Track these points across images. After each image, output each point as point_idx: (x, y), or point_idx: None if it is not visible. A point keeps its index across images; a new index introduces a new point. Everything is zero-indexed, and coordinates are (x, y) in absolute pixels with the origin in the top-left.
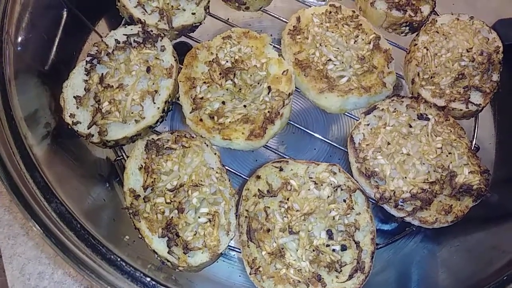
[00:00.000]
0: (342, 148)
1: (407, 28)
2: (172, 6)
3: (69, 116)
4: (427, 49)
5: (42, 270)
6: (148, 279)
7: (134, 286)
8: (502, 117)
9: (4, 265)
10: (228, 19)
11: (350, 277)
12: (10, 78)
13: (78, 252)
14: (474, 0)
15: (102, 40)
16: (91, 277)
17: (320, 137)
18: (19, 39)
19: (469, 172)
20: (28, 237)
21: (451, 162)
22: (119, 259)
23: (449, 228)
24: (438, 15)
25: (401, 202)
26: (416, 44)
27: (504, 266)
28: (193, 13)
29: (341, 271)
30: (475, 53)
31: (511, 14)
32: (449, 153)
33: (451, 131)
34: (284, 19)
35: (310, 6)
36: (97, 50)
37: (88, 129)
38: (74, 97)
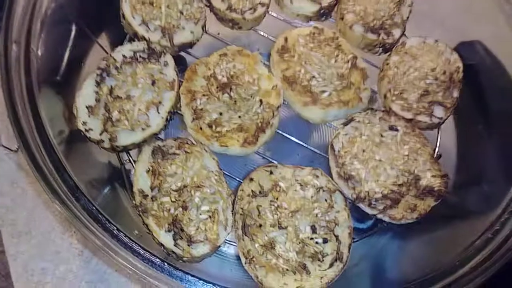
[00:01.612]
0: (322, 154)
1: (381, 49)
2: (173, 25)
3: (82, 124)
4: (397, 68)
5: (45, 267)
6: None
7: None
8: (462, 128)
9: (9, 262)
10: (219, 33)
11: (331, 265)
12: (35, 88)
13: (107, 242)
14: (441, 21)
15: (110, 55)
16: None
17: (303, 144)
18: (39, 53)
19: (431, 176)
20: (31, 236)
21: (416, 168)
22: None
23: (415, 226)
24: (406, 37)
25: (374, 201)
26: (388, 64)
27: (456, 255)
28: (192, 32)
29: (323, 260)
30: (438, 72)
31: (472, 36)
32: (415, 159)
33: (416, 140)
34: (272, 38)
35: (296, 27)
36: (106, 64)
37: (100, 135)
38: (86, 106)
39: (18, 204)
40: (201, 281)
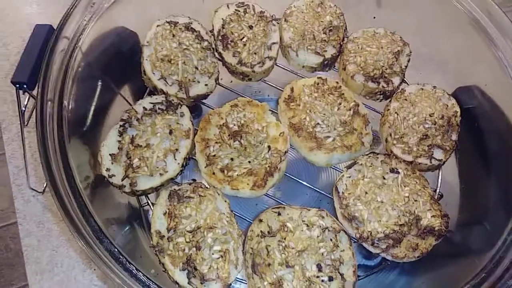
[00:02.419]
0: (328, 195)
1: (381, 96)
2: (189, 79)
3: (106, 170)
4: (397, 114)
5: None
6: None
7: None
8: (464, 168)
9: None
10: (231, 81)
11: None
12: (66, 140)
13: (126, 281)
14: (441, 66)
15: (132, 107)
16: None
17: (310, 186)
18: (70, 107)
19: (431, 216)
20: (54, 273)
21: (416, 208)
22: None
23: (421, 263)
24: (407, 84)
25: (376, 241)
26: (388, 109)
27: None
28: (206, 85)
29: None
30: (436, 117)
31: (470, 80)
32: (415, 200)
33: (417, 182)
34: (279, 88)
35: (302, 77)
36: (128, 116)
37: (122, 181)
38: (109, 154)
39: (43, 243)
40: None
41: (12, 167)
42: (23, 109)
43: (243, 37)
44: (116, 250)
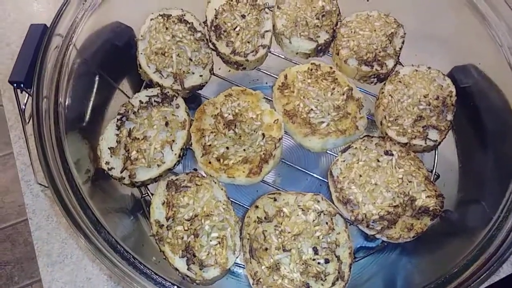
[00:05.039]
0: (326, 180)
1: (375, 79)
2: (183, 71)
3: (105, 163)
4: (392, 96)
5: None
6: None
7: None
8: (462, 147)
9: None
10: (229, 70)
11: (333, 284)
12: (62, 135)
13: (124, 269)
14: (433, 51)
15: (129, 101)
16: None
17: (307, 171)
18: (66, 104)
19: (426, 197)
20: (64, 264)
21: (411, 189)
22: (153, 274)
23: (421, 243)
24: (402, 65)
25: (371, 223)
26: (383, 92)
27: (455, 265)
28: (201, 75)
29: (325, 279)
30: (431, 98)
31: (464, 61)
32: (409, 181)
33: (411, 163)
34: (274, 75)
35: (296, 64)
36: (125, 109)
37: (121, 173)
38: (108, 148)
39: (53, 236)
40: None
41: (20, 164)
42: (23, 107)
43: (236, 27)
44: (113, 240)
